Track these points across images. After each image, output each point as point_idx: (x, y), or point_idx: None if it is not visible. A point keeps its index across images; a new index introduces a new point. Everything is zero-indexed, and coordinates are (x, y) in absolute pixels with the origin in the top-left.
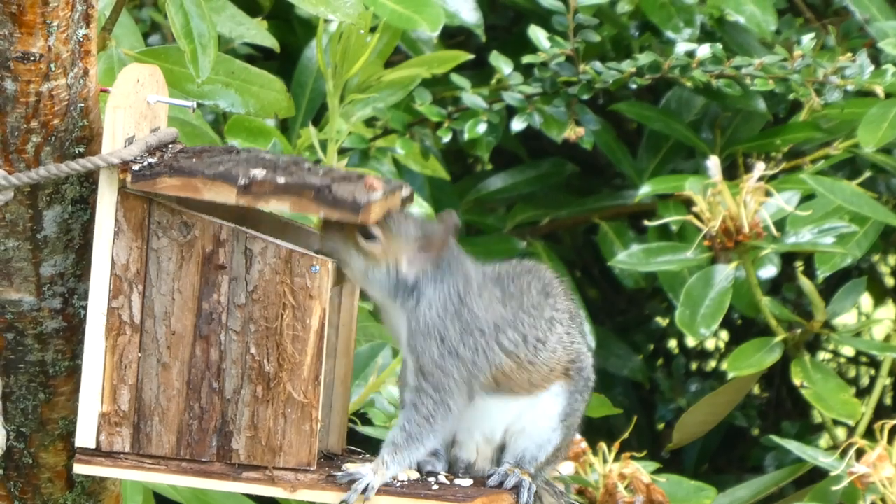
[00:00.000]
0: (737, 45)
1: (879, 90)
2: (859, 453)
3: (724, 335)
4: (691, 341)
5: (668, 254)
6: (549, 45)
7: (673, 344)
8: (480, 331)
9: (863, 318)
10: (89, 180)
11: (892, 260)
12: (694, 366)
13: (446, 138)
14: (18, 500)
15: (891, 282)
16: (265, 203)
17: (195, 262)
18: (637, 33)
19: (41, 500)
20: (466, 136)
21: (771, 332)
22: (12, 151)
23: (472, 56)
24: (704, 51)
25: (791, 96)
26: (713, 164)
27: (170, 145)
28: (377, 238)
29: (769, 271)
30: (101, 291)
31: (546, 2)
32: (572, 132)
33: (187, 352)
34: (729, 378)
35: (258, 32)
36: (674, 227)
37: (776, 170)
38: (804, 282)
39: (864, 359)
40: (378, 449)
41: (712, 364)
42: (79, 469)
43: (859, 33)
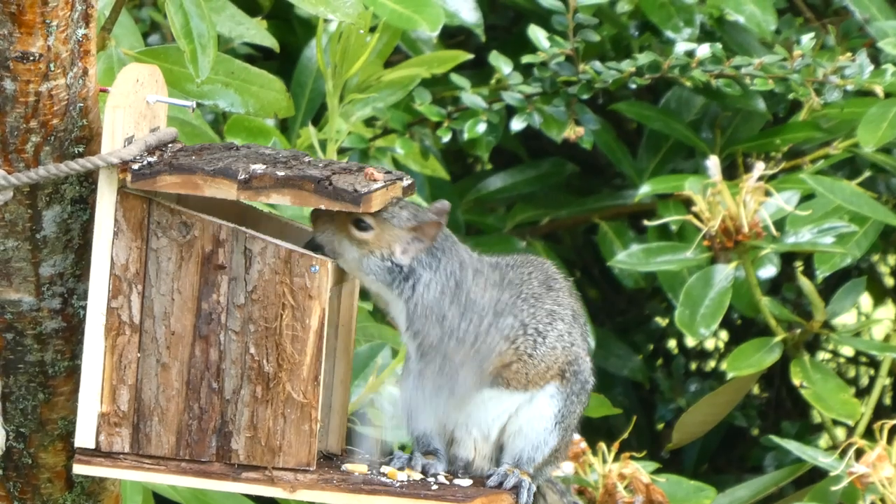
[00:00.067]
0: (736, 45)
1: (879, 90)
2: (859, 453)
3: (724, 335)
4: (691, 341)
5: (667, 254)
6: (548, 44)
7: (673, 344)
8: (479, 315)
9: (862, 318)
10: (89, 180)
11: (891, 260)
12: (694, 366)
13: (446, 138)
14: (18, 501)
15: (890, 282)
16: (266, 197)
17: (194, 262)
18: (637, 33)
19: (41, 501)
20: (466, 135)
21: (770, 332)
22: (11, 151)
23: (471, 56)
24: (704, 50)
25: (791, 96)
26: (713, 163)
27: (169, 145)
28: (370, 227)
29: (769, 271)
30: (100, 291)
31: (546, 2)
32: (572, 132)
33: (187, 352)
34: (728, 378)
35: (258, 32)
36: (673, 227)
37: (776, 170)
38: (804, 282)
39: (864, 359)
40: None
41: (712, 364)
42: (78, 469)
43: (859, 33)
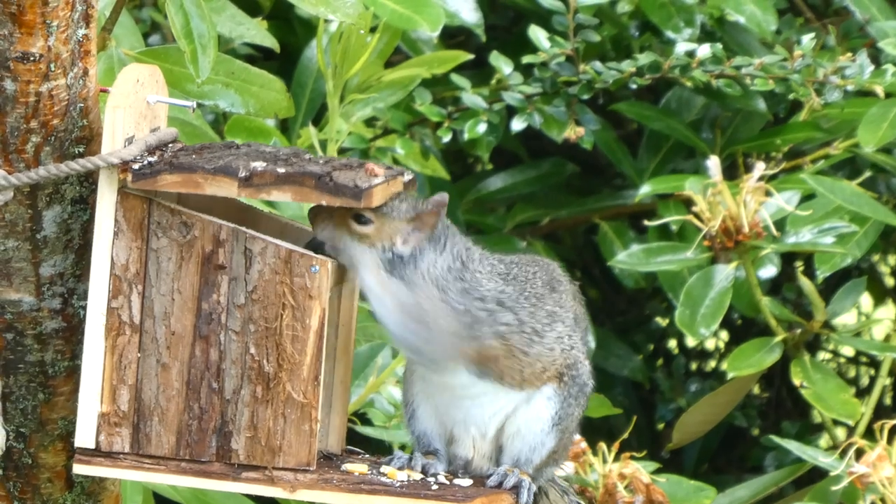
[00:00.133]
0: (737, 45)
1: (879, 90)
2: (859, 453)
3: (724, 335)
4: (691, 341)
5: (667, 254)
6: (549, 44)
7: (673, 344)
8: (481, 298)
9: (863, 318)
10: (89, 180)
11: (892, 260)
12: (694, 366)
13: (446, 138)
14: (18, 501)
15: (891, 282)
16: (267, 194)
17: (195, 262)
18: (637, 33)
19: (40, 501)
20: (466, 136)
21: (771, 332)
22: (12, 151)
23: (472, 56)
24: (704, 51)
25: (791, 96)
26: (713, 163)
27: (169, 145)
28: (370, 221)
29: (769, 271)
30: (100, 291)
31: (546, 2)
32: (572, 132)
33: (187, 352)
34: (729, 378)
35: (258, 32)
36: (674, 227)
37: (776, 170)
38: (804, 282)
39: (864, 359)
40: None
41: (712, 364)
42: (78, 469)
43: (859, 33)
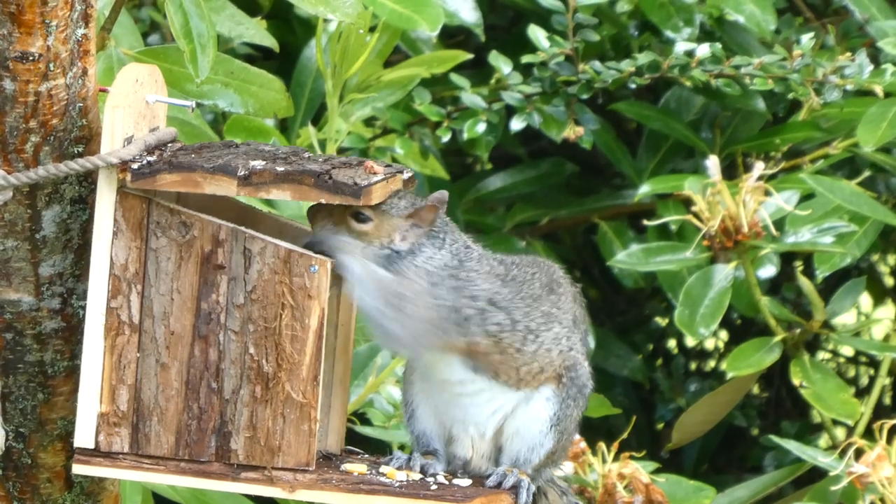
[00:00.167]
0: (736, 45)
1: (879, 90)
2: (858, 453)
3: (724, 335)
4: (691, 341)
5: (667, 253)
6: (548, 44)
7: (672, 344)
8: (472, 297)
9: (862, 317)
10: (88, 180)
11: (891, 260)
12: (693, 366)
13: (446, 138)
14: (17, 501)
15: (890, 281)
16: (266, 192)
17: (194, 262)
18: (636, 33)
19: (40, 501)
20: (466, 135)
21: (770, 332)
22: (11, 151)
23: (471, 56)
24: (704, 50)
25: (790, 96)
26: (712, 163)
27: (169, 144)
28: (369, 218)
29: (768, 271)
30: (99, 291)
31: (545, 1)
32: (572, 132)
33: (186, 352)
34: (728, 378)
35: (257, 32)
36: (673, 227)
37: (775, 169)
38: (803, 281)
39: (864, 358)
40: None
41: (712, 364)
42: (77, 469)
43: (859, 33)
